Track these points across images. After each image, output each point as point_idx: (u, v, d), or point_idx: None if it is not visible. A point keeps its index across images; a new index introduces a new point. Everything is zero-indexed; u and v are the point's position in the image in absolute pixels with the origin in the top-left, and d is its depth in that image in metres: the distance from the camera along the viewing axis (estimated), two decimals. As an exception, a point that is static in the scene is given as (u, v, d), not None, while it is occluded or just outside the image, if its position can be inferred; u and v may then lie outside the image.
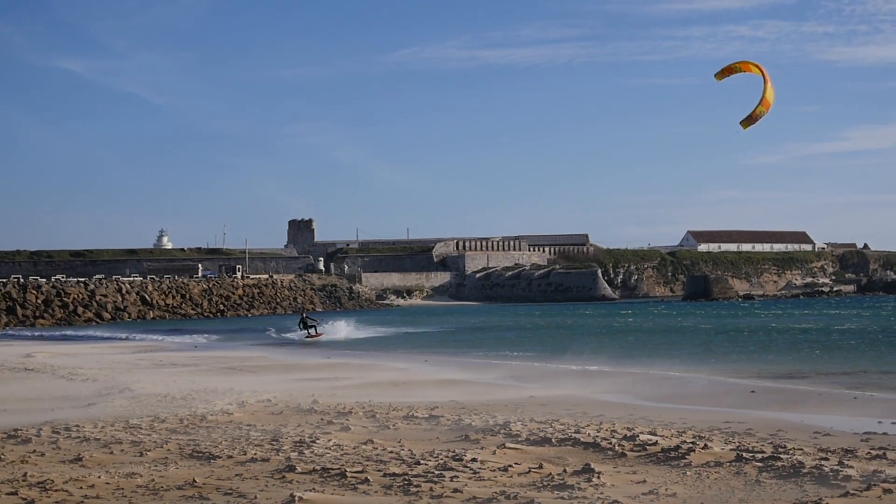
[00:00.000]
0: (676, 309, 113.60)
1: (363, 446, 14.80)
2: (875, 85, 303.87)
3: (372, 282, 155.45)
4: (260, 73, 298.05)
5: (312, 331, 56.54)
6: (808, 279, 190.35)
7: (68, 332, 76.68)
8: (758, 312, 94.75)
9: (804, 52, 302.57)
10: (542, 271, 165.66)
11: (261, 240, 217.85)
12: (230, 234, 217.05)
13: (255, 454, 14.00)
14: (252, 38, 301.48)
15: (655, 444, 14.55)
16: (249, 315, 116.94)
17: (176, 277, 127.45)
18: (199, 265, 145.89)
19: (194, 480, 12.16)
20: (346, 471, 12.57)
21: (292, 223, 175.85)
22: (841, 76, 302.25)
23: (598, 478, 12.13)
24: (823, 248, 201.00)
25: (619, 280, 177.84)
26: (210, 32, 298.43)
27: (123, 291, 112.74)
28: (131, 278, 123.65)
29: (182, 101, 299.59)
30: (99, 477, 12.56)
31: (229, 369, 33.59)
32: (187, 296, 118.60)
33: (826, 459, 13.21)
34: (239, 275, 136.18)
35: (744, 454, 13.57)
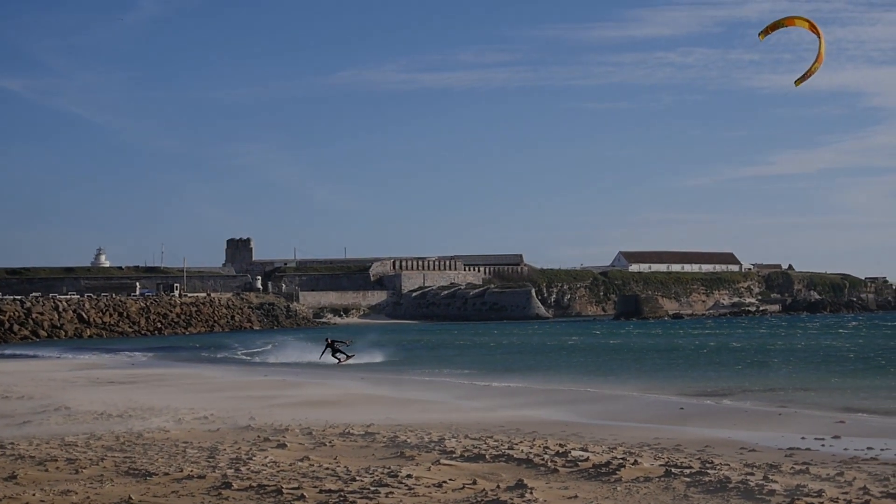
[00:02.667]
0: (611, 327, 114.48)
1: (299, 463, 14.91)
2: (799, 111, 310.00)
3: (309, 300, 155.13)
4: (198, 94, 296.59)
5: (342, 356, 49.72)
6: (735, 299, 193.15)
7: (4, 351, 75.60)
8: (693, 332, 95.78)
9: (731, 78, 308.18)
10: (477, 290, 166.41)
11: (199, 258, 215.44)
12: (168, 253, 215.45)
13: (192, 471, 14.06)
14: (191, 59, 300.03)
15: (587, 459, 14.82)
16: (187, 333, 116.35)
17: (113, 295, 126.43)
18: (137, 283, 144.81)
19: (130, 497, 12.19)
20: (282, 487, 12.67)
21: (230, 242, 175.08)
22: (767, 103, 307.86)
23: (531, 493, 12.34)
24: (750, 269, 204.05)
25: (553, 299, 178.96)
26: (149, 53, 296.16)
27: (60, 309, 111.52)
28: (68, 296, 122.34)
29: (120, 120, 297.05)
30: (34, 495, 12.54)
31: (166, 387, 33.46)
32: (125, 314, 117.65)
33: (752, 474, 13.55)
34: (177, 293, 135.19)
35: (672, 469, 13.88)
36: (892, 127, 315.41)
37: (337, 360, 49.05)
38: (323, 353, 49.95)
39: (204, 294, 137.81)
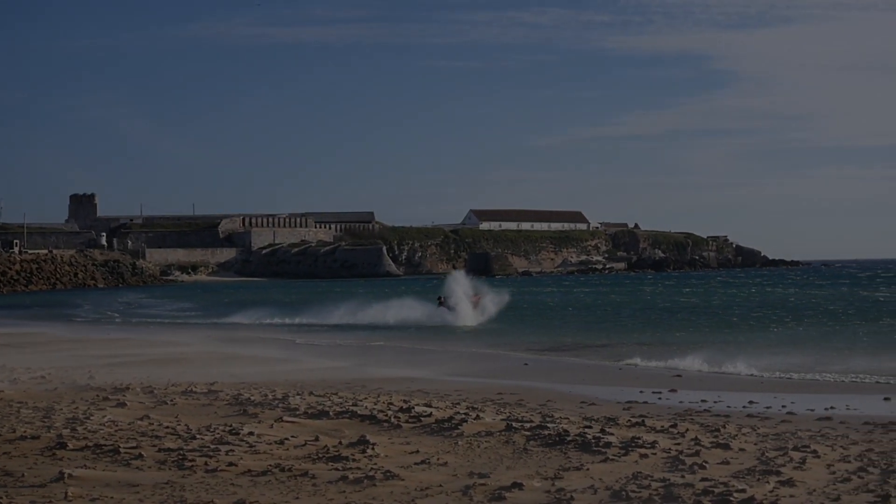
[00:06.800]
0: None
1: (139, 422, 14.63)
2: (648, 73, 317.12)
3: (156, 258, 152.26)
4: (40, 42, 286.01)
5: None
6: (583, 257, 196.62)
7: None
8: (546, 290, 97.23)
9: (583, 39, 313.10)
10: (328, 248, 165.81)
11: (40, 214, 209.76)
12: (7, 208, 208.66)
13: (25, 432, 13.64)
14: (33, 5, 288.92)
15: (430, 415, 14.94)
16: (28, 290, 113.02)
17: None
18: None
19: (-42, 460, 11.79)
20: (119, 447, 12.41)
21: (73, 197, 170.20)
22: (617, 64, 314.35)
23: (373, 449, 12.38)
24: (597, 228, 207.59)
25: (404, 257, 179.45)
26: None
27: None
28: None
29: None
30: None
31: (1, 346, 32.43)
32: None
33: (590, 427, 13.86)
34: (16, 250, 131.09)
35: (513, 424, 14.09)
36: (737, 90, 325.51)
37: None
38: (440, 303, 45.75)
39: (45, 251, 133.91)
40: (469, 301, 46.77)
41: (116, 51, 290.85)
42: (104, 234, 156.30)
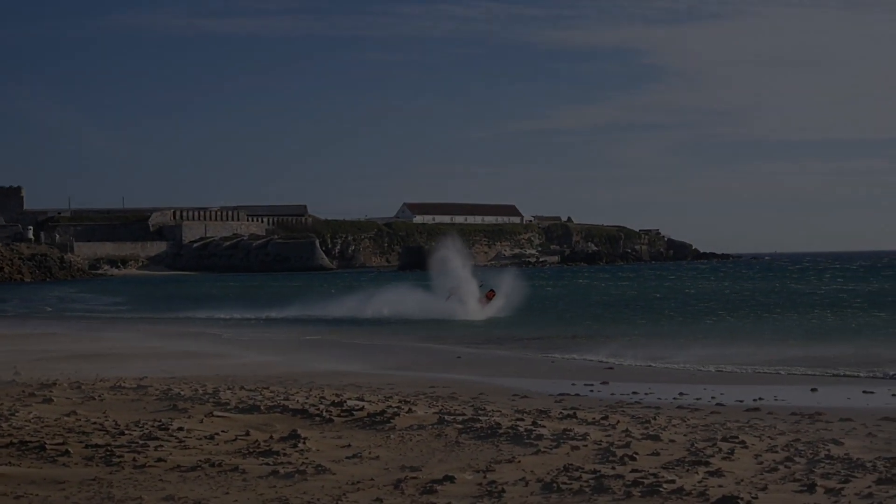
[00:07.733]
0: (398, 279, 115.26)
1: (66, 418, 14.37)
2: (578, 67, 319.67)
3: (85, 251, 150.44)
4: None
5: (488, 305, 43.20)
6: (517, 250, 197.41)
7: None
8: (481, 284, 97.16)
9: (514, 32, 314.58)
10: (260, 241, 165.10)
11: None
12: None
13: (-52, 429, 13.39)
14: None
15: (362, 409, 14.86)
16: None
17: None
18: None
19: None
20: (45, 443, 12.19)
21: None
22: (547, 58, 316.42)
23: (304, 443, 12.28)
24: (531, 221, 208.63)
25: (337, 250, 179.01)
26: None
27: None
28: None
29: None
30: None
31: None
32: None
33: (522, 420, 13.87)
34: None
35: (446, 417, 14.07)
36: (667, 84, 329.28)
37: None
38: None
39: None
40: (472, 283, 45.06)
41: (42, 41, 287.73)
42: (31, 227, 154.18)
